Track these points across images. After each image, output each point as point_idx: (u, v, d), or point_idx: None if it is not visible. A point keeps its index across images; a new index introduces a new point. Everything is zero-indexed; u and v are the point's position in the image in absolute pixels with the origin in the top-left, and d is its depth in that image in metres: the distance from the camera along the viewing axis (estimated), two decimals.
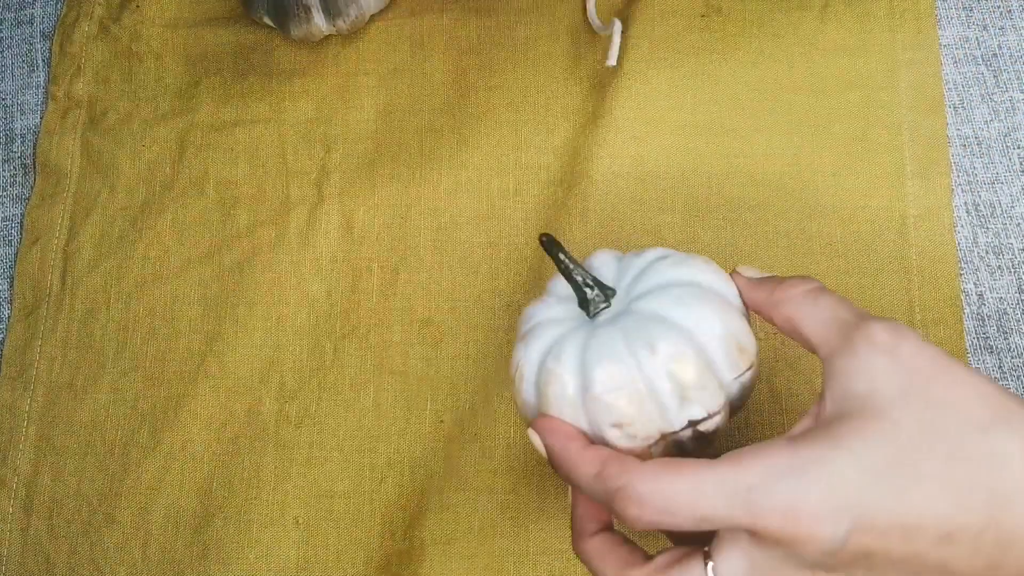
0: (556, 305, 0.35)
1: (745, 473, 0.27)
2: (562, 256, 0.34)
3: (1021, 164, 0.47)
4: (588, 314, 0.34)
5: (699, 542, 0.29)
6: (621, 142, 0.48)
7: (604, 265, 0.35)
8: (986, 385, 0.28)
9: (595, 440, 0.32)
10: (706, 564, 0.28)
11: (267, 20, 0.51)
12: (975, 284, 0.45)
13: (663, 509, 0.28)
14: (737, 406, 0.33)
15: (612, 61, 0.48)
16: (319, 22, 0.50)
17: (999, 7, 0.49)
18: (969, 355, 0.44)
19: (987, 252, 0.46)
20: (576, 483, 0.31)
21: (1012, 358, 0.44)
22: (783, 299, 0.31)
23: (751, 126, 0.48)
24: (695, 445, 0.32)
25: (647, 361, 0.31)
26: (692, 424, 0.31)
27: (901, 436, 0.27)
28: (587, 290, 0.34)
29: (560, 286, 0.36)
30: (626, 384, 0.31)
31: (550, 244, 0.34)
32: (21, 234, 0.51)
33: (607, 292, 0.34)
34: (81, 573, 0.45)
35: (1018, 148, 0.47)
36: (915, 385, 0.27)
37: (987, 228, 0.46)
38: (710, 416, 0.31)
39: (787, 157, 0.47)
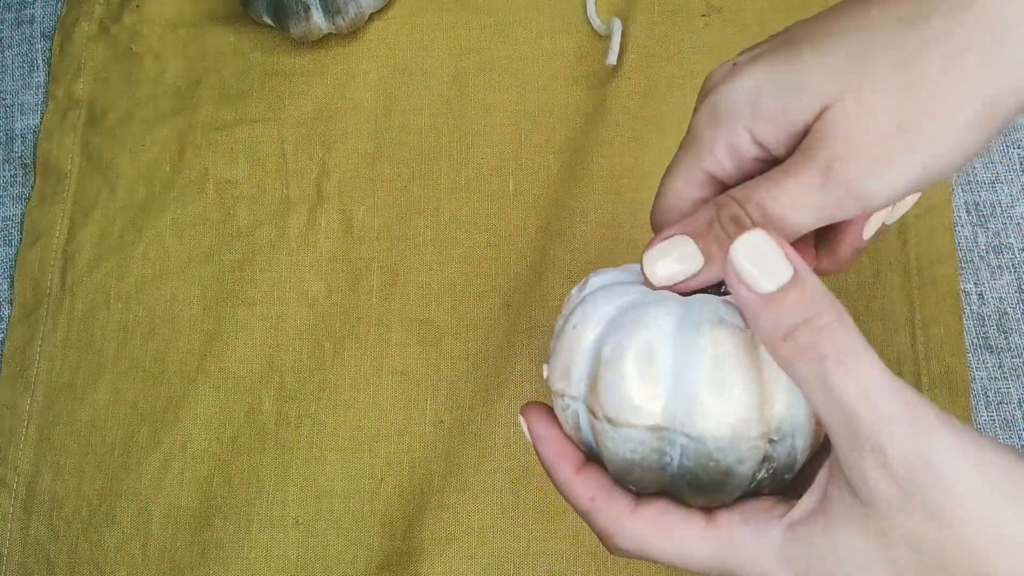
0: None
1: (735, 555, 0.27)
2: None
3: (1021, 164, 0.47)
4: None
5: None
6: (621, 142, 0.48)
7: None
8: None
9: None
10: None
11: (267, 19, 0.51)
12: (975, 284, 0.45)
13: (644, 557, 0.28)
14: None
15: (612, 61, 0.48)
16: (318, 20, 0.50)
17: None
18: (969, 354, 0.44)
19: (987, 252, 0.46)
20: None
21: (1012, 358, 0.44)
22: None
23: None
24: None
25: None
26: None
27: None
28: None
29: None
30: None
31: None
32: (21, 234, 0.51)
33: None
34: (81, 573, 0.45)
35: (1018, 148, 0.47)
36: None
37: (987, 228, 0.46)
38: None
39: None
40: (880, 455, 0.24)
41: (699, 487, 0.27)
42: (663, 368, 0.26)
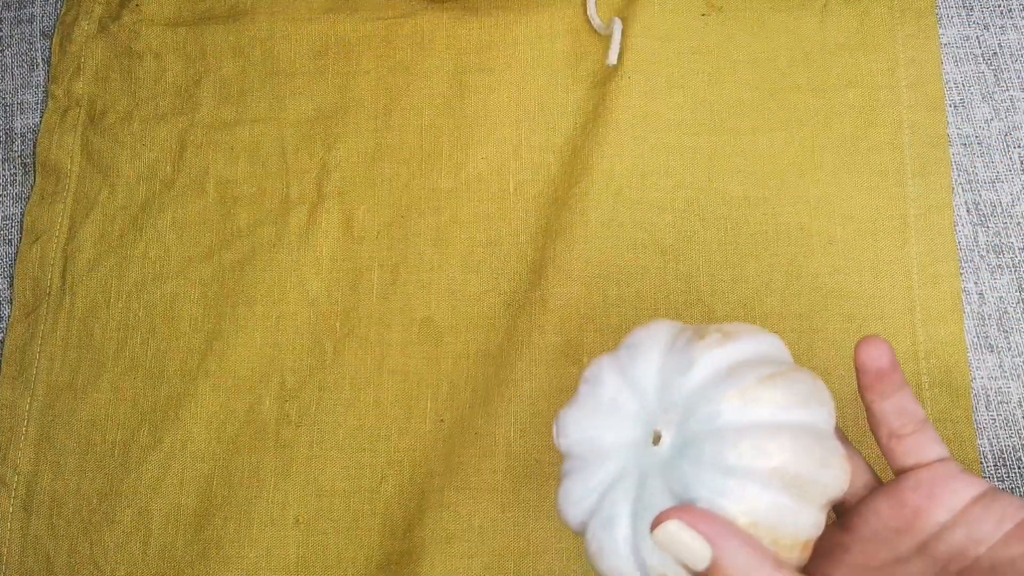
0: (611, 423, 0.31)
1: None
2: None
3: (1021, 163, 0.47)
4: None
5: None
6: (621, 141, 0.48)
7: (649, 353, 0.32)
8: None
9: None
10: None
11: None
12: (975, 283, 0.45)
13: None
14: None
15: (612, 60, 0.48)
16: None
17: (999, 6, 0.49)
18: (970, 354, 0.44)
19: (987, 251, 0.46)
20: None
21: (1012, 357, 0.44)
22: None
23: (751, 126, 0.48)
24: None
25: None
26: None
27: None
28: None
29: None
30: None
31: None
32: (21, 233, 0.51)
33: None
34: (81, 573, 0.45)
35: (1018, 147, 0.47)
36: None
37: (987, 227, 0.46)
38: None
39: (787, 156, 0.47)
40: None
41: None
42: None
